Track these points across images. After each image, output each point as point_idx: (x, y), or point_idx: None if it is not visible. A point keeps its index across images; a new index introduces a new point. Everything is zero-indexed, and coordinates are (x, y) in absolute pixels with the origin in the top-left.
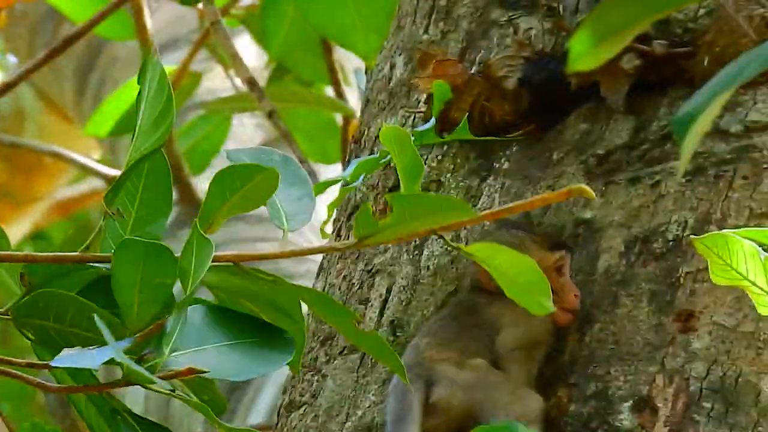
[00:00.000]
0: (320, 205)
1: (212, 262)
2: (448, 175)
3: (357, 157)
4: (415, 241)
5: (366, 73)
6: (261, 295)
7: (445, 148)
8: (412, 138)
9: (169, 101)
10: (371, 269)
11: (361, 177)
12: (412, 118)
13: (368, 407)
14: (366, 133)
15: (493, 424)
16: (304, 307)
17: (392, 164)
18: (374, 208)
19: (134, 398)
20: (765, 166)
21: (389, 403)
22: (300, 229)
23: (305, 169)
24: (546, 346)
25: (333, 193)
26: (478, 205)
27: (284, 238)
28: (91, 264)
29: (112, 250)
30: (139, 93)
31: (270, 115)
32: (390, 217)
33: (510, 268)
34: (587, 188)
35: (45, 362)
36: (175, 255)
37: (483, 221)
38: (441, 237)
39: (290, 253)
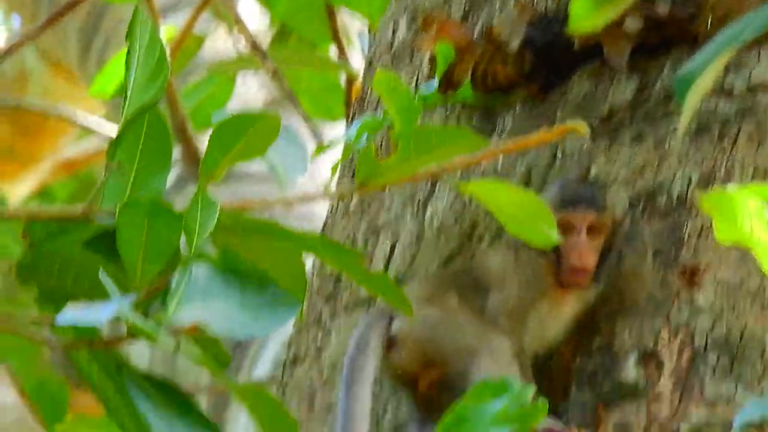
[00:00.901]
0: (324, 166)
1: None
2: None
3: (360, 117)
4: (420, 199)
5: (369, 34)
6: (265, 246)
7: (448, 109)
8: (416, 98)
9: (162, 56)
10: (375, 227)
11: (365, 137)
12: (415, 79)
13: None
14: (369, 93)
15: (484, 381)
16: (308, 266)
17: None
18: (378, 151)
19: (139, 355)
20: None
21: (350, 339)
22: (297, 179)
23: (309, 129)
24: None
25: (336, 154)
26: (481, 167)
27: (283, 188)
28: (94, 220)
29: (114, 206)
30: (129, 50)
31: (274, 74)
32: (393, 155)
33: (511, 204)
34: (581, 124)
35: (49, 318)
36: (180, 212)
37: (488, 158)
38: (440, 178)
39: (291, 200)
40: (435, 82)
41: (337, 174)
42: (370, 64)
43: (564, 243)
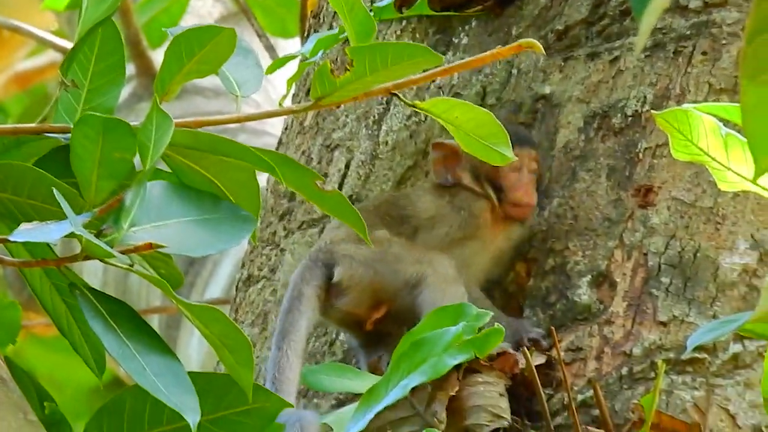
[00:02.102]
0: (279, 81)
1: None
2: None
3: (316, 32)
4: (374, 116)
5: None
6: (219, 164)
7: (404, 23)
8: (371, 13)
9: None
10: (330, 144)
11: (320, 52)
12: None
13: None
14: (324, 8)
15: (440, 308)
16: (262, 184)
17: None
18: (333, 68)
19: (92, 273)
20: (724, 41)
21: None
22: (251, 95)
23: (263, 44)
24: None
25: (292, 68)
26: (437, 81)
27: (238, 104)
28: (48, 135)
29: (69, 123)
30: None
31: None
32: (349, 72)
33: (467, 122)
34: (536, 42)
35: (3, 236)
36: (135, 128)
37: (444, 75)
38: (395, 95)
39: (247, 117)
40: None
41: (292, 90)
42: None
43: (508, 180)
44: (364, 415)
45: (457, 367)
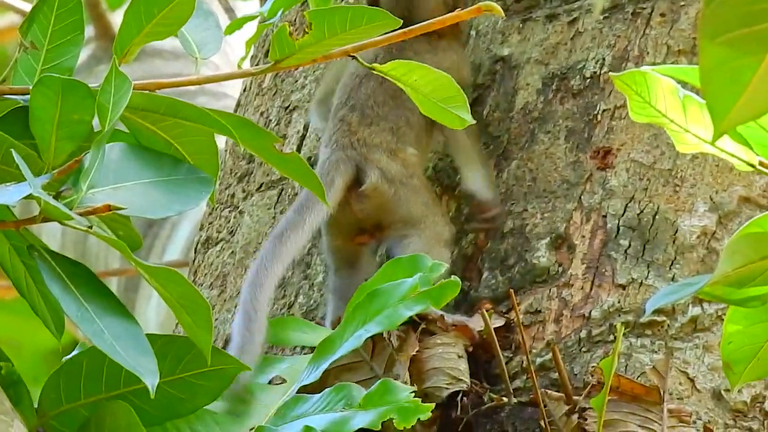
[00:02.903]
0: (237, 42)
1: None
2: None
3: None
4: None
5: None
6: (177, 126)
7: None
8: None
9: None
10: (288, 106)
11: (279, 12)
12: None
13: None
14: None
15: (397, 259)
16: (221, 145)
17: None
18: (292, 30)
19: (51, 234)
20: (682, 3)
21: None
22: (211, 58)
23: (223, 5)
24: None
25: (251, 29)
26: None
27: (197, 66)
28: (7, 96)
29: (28, 84)
30: None
31: None
32: (308, 35)
33: (426, 84)
34: (495, 5)
35: None
36: (94, 90)
37: (402, 38)
38: (354, 58)
39: (206, 79)
40: None
41: (251, 52)
42: None
43: None
44: (318, 365)
45: (415, 327)
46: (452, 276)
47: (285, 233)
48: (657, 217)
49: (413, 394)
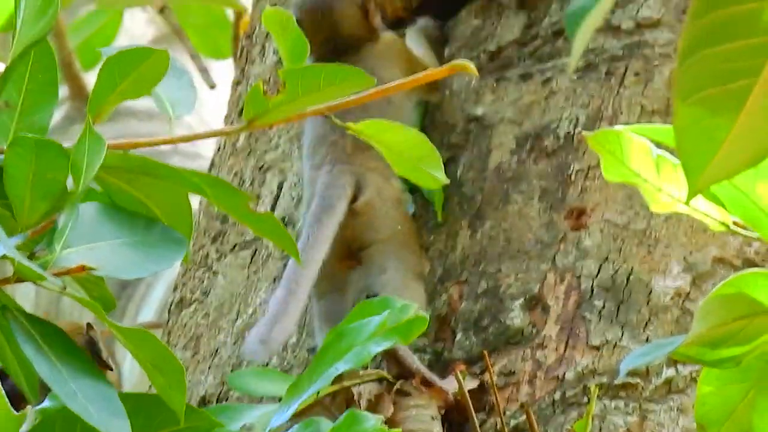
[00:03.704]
0: (211, 102)
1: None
2: None
3: (249, 52)
4: None
5: None
6: (151, 186)
7: None
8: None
9: None
10: (262, 166)
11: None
12: None
13: (259, 304)
14: (258, 29)
15: (367, 300)
16: (195, 206)
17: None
18: (266, 89)
19: (24, 295)
20: (656, 62)
21: (319, 185)
22: (185, 119)
23: (197, 65)
24: None
25: (226, 89)
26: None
27: (171, 125)
28: None
29: (2, 144)
30: None
31: (162, 10)
32: (282, 94)
33: (399, 143)
34: (469, 63)
35: None
36: (68, 149)
37: (377, 97)
38: (328, 117)
39: (180, 139)
40: None
41: (225, 112)
42: None
43: None
44: (288, 407)
45: (389, 388)
46: (420, 311)
47: (320, 220)
48: (631, 277)
49: (381, 422)
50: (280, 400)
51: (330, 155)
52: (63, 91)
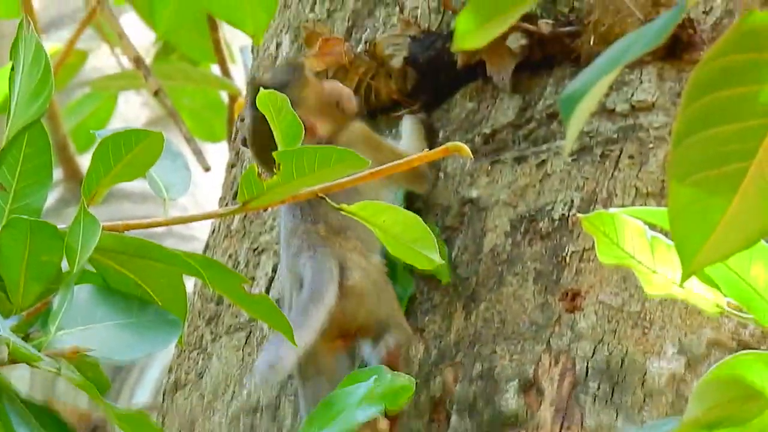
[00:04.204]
0: (206, 184)
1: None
2: None
3: (243, 135)
4: None
5: (252, 51)
6: (146, 267)
7: None
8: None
9: (46, 72)
10: (257, 248)
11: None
12: None
13: (254, 386)
14: None
15: (355, 371)
16: (189, 288)
17: None
18: (260, 171)
19: (19, 376)
20: (651, 145)
21: (307, 270)
22: (179, 201)
23: (191, 148)
24: None
25: (220, 172)
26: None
27: (165, 207)
28: None
29: None
30: (13, 67)
31: (156, 93)
32: (276, 176)
33: (394, 225)
34: (463, 146)
35: None
36: (62, 231)
37: (371, 179)
38: (323, 198)
39: (174, 220)
40: None
41: (219, 194)
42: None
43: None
44: None
45: None
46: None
47: (312, 306)
48: (626, 359)
49: None
50: None
51: (306, 242)
52: (57, 173)
